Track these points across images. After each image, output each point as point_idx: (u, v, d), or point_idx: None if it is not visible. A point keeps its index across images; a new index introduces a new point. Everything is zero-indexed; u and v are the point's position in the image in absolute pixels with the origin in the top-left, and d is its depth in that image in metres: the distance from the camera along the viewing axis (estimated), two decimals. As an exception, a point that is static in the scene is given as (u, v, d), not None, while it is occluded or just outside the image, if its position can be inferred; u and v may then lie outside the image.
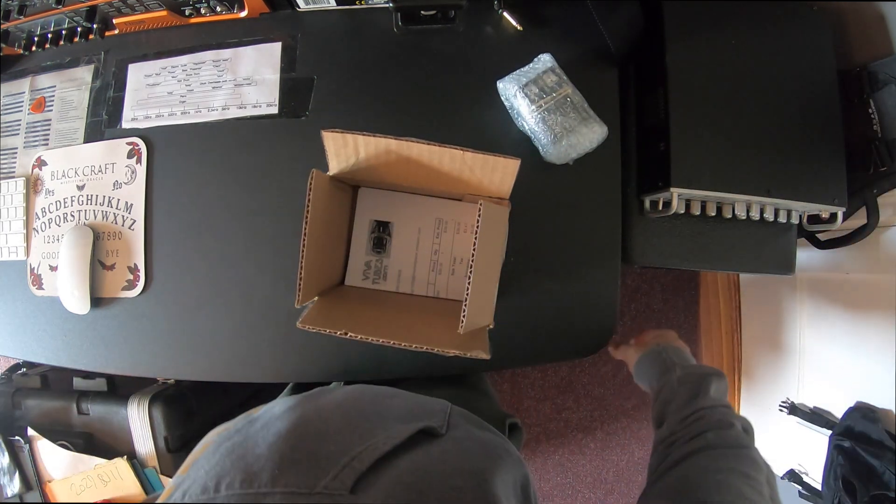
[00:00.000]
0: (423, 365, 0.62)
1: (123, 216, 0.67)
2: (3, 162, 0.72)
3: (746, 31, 0.65)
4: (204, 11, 0.67)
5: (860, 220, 0.70)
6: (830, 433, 0.88)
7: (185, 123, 0.66)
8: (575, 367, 1.41)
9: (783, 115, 0.64)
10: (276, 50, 0.66)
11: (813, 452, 0.95)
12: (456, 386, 0.65)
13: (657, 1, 0.64)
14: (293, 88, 0.65)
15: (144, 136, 0.67)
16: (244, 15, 0.67)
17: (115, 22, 0.69)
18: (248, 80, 0.66)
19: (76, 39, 0.69)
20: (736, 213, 0.66)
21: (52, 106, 0.71)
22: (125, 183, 0.67)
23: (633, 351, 0.63)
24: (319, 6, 0.66)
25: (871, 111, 0.68)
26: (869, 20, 0.69)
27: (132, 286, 0.66)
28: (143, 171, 0.67)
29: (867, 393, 0.87)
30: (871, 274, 0.87)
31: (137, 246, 0.66)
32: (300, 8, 0.67)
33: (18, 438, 0.73)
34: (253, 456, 0.30)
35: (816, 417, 0.97)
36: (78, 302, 0.65)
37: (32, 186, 0.70)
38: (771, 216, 0.66)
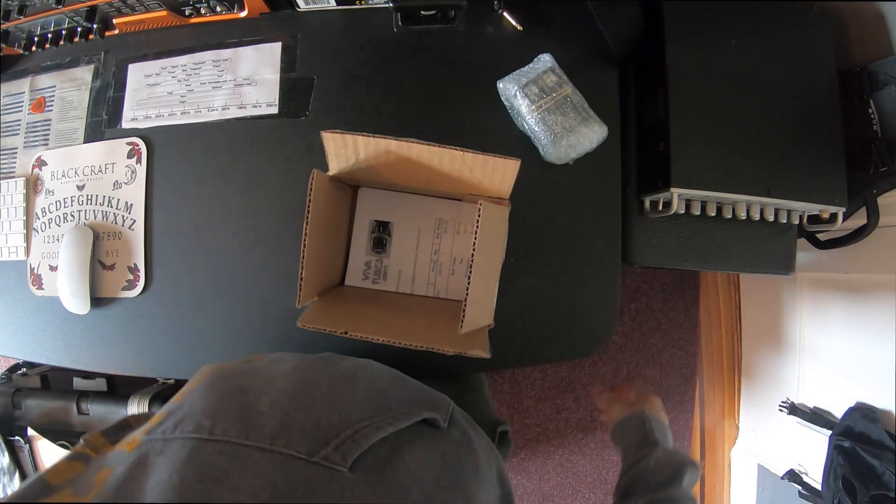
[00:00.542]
0: (422, 365, 0.62)
1: (123, 216, 0.67)
2: (3, 162, 0.72)
3: (746, 30, 0.65)
4: (204, 11, 0.67)
5: (860, 220, 0.70)
6: (830, 433, 0.88)
7: (185, 123, 0.66)
8: (575, 367, 1.41)
9: (783, 115, 0.64)
10: (276, 50, 0.66)
11: (813, 452, 0.95)
12: (455, 386, 0.65)
13: (657, 1, 0.64)
14: (293, 88, 0.65)
15: (144, 136, 0.67)
16: (244, 15, 0.67)
17: (115, 22, 0.69)
18: (248, 80, 0.66)
19: (76, 39, 0.69)
20: (736, 213, 0.66)
21: (52, 106, 0.71)
22: (125, 183, 0.67)
23: (616, 408, 0.63)
24: (319, 6, 0.66)
25: (871, 111, 0.68)
26: (869, 20, 0.69)
27: (132, 286, 0.66)
28: (143, 171, 0.67)
29: (867, 393, 0.87)
30: (871, 274, 0.87)
31: (137, 246, 0.66)
32: (300, 8, 0.67)
33: (18, 438, 0.73)
34: (254, 409, 0.30)
35: (816, 417, 0.97)
36: (78, 302, 0.65)
37: (32, 186, 0.70)
38: (771, 216, 0.66)
